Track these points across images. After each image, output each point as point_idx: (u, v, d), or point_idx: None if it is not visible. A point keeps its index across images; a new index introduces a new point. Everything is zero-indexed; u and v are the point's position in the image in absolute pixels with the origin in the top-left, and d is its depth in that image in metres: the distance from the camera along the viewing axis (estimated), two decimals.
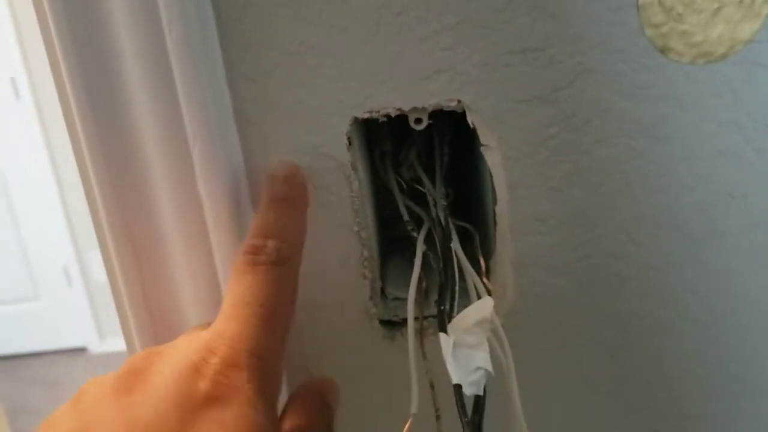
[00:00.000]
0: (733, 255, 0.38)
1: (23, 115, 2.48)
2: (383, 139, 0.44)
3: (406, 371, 0.40)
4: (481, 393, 0.32)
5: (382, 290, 0.42)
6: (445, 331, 0.32)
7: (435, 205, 0.41)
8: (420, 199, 0.43)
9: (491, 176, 0.38)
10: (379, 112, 0.36)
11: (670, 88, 0.36)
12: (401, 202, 0.41)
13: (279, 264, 0.33)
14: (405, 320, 0.41)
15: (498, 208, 0.39)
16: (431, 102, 0.36)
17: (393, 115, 0.36)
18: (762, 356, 0.40)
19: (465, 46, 0.35)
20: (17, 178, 2.57)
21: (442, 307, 0.34)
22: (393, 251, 0.46)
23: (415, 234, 0.40)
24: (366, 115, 0.36)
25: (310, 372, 0.41)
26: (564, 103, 0.36)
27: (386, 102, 0.36)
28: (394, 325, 0.42)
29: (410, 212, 0.42)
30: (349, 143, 0.37)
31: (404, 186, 0.43)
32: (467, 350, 0.32)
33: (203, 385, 0.29)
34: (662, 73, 0.36)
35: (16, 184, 2.57)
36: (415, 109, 0.36)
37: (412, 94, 0.36)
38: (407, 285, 0.44)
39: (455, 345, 0.32)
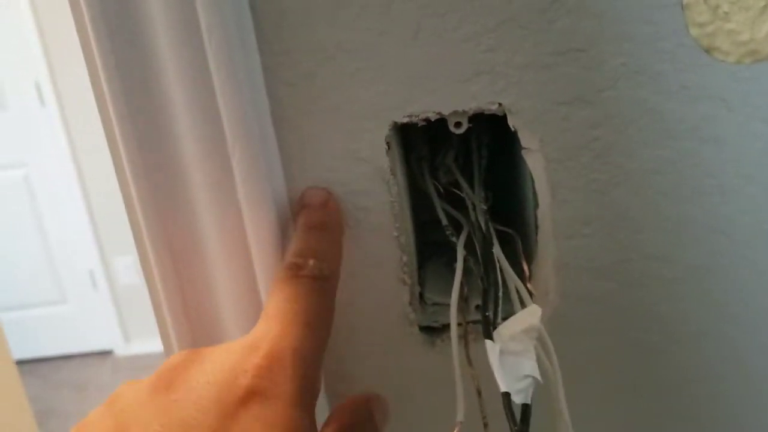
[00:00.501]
0: None
1: (48, 121, 2.51)
2: (420, 143, 0.43)
3: (447, 377, 0.40)
4: (529, 401, 0.31)
5: (421, 295, 0.42)
6: (490, 338, 0.32)
7: (474, 209, 0.40)
8: (458, 203, 0.42)
9: (532, 179, 0.38)
10: (418, 116, 0.36)
11: (716, 89, 0.35)
12: (439, 207, 0.41)
13: (320, 279, 0.33)
14: (445, 326, 0.41)
15: (540, 212, 0.38)
16: (472, 105, 0.36)
17: (433, 120, 0.36)
18: None
19: (507, 47, 0.34)
20: (43, 184, 2.60)
21: (486, 314, 0.33)
22: (429, 256, 0.46)
23: (454, 239, 0.40)
24: (405, 120, 0.36)
25: (347, 376, 0.41)
26: (607, 104, 0.35)
27: (426, 106, 0.36)
28: (433, 330, 0.41)
29: (448, 217, 0.41)
30: (388, 148, 0.37)
31: (441, 190, 0.42)
32: (514, 357, 0.31)
33: (245, 380, 0.28)
34: (708, 73, 0.35)
35: (42, 190, 2.60)
36: (455, 113, 0.36)
37: (453, 98, 0.35)
38: (446, 290, 0.43)
39: (501, 352, 0.31)
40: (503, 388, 0.30)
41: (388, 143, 0.36)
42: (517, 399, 0.30)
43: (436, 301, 0.42)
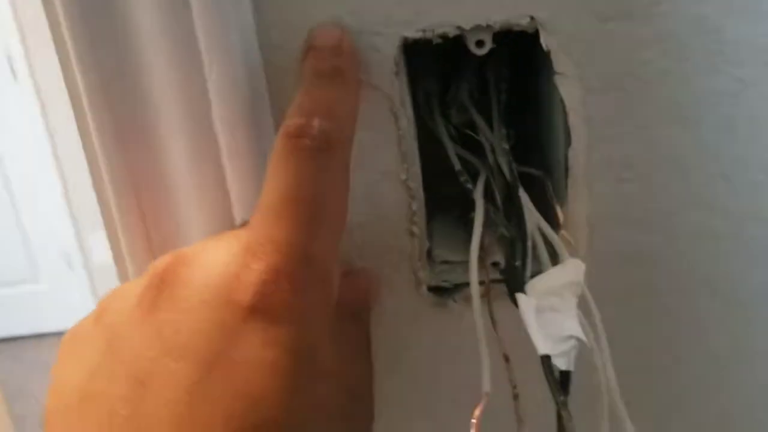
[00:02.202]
0: None
1: (21, 97, 2.42)
2: (428, 75, 0.37)
3: (460, 343, 0.34)
4: (572, 367, 0.26)
5: (428, 253, 0.36)
6: (521, 290, 0.26)
7: (493, 152, 0.34)
8: (471, 146, 0.36)
9: (565, 113, 0.32)
10: (434, 31, 0.30)
11: None
12: (452, 151, 0.35)
13: (328, 149, 0.27)
14: (457, 286, 0.36)
15: (572, 152, 0.32)
16: (498, 18, 0.30)
17: (451, 36, 0.30)
18: None
19: None
20: (16, 161, 2.51)
21: (516, 263, 0.28)
22: (435, 211, 0.40)
23: (469, 185, 0.34)
24: (418, 35, 0.30)
25: None
26: (660, 21, 0.30)
27: (443, 18, 0.30)
28: (443, 291, 0.35)
29: (462, 162, 0.35)
30: (397, 71, 0.31)
31: (453, 132, 0.37)
32: (553, 314, 0.26)
33: (246, 297, 0.24)
34: None
35: (15, 167, 2.51)
36: (477, 29, 0.30)
37: (476, 8, 0.30)
38: (456, 247, 0.38)
39: (538, 309, 0.26)
40: (542, 351, 0.24)
41: (396, 65, 0.30)
42: (559, 364, 0.25)
43: (445, 259, 0.36)
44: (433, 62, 0.37)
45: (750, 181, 0.32)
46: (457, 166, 0.35)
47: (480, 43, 0.31)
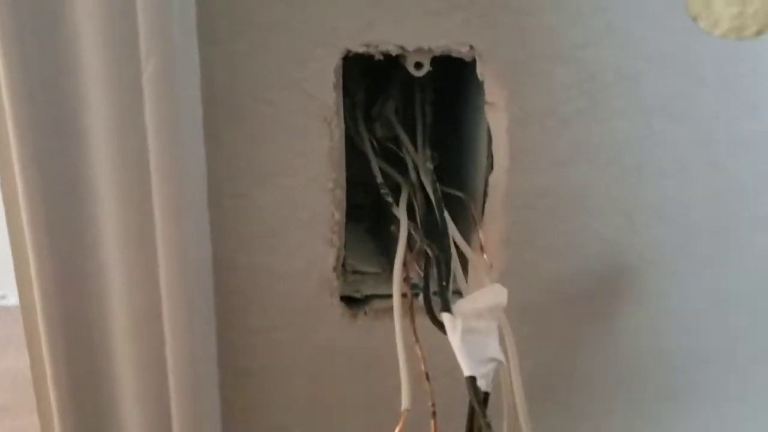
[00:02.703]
0: (732, 252, 0.36)
1: None
2: (355, 87, 0.38)
3: (370, 356, 0.35)
4: (490, 389, 0.27)
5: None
6: (449, 310, 0.27)
7: (415, 169, 0.35)
8: (391, 162, 0.37)
9: (489, 141, 0.33)
10: (377, 47, 0.30)
11: (696, 62, 0.32)
12: (375, 164, 0.36)
13: None
14: (368, 297, 0.36)
15: (493, 178, 0.34)
16: (439, 44, 0.31)
17: (393, 54, 0.31)
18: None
19: None
20: None
21: (444, 283, 0.28)
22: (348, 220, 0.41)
23: (390, 199, 0.35)
24: (361, 49, 0.30)
25: (251, 349, 0.35)
26: (585, 63, 0.32)
27: (388, 36, 0.30)
28: (354, 302, 0.36)
29: (384, 176, 0.36)
30: (335, 83, 0.31)
31: (375, 145, 0.37)
32: (477, 337, 0.27)
33: None
34: (691, 45, 0.32)
35: None
36: (419, 51, 0.31)
37: (420, 31, 0.30)
38: (368, 258, 0.38)
39: (464, 330, 0.26)
40: (468, 372, 0.25)
41: (336, 76, 0.31)
42: (480, 385, 0.26)
43: (358, 269, 0.37)
44: (360, 74, 0.38)
45: (647, 223, 0.35)
46: (379, 179, 0.35)
47: (418, 65, 0.31)
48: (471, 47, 0.31)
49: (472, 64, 0.32)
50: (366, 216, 0.41)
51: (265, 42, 0.30)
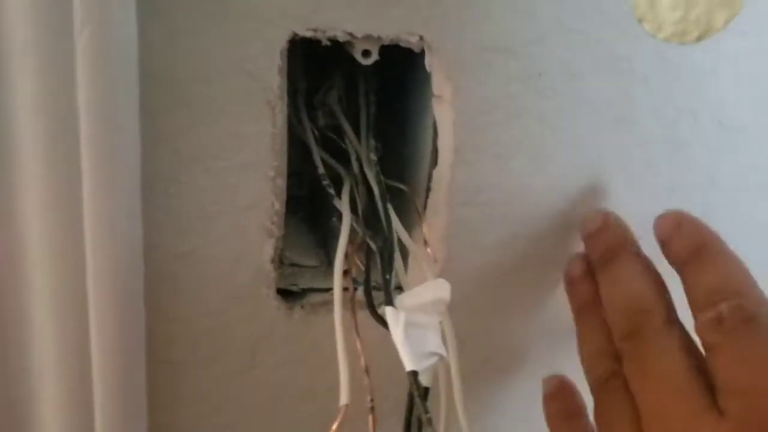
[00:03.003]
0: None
1: None
2: (297, 73, 0.36)
3: (306, 351, 0.34)
4: (431, 384, 0.26)
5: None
6: (391, 303, 0.27)
7: (358, 160, 0.34)
8: (332, 152, 0.36)
9: (435, 134, 0.33)
10: (325, 32, 0.29)
11: (641, 64, 0.33)
12: (317, 153, 0.35)
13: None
14: (306, 291, 0.35)
15: (436, 172, 0.33)
16: (389, 33, 0.30)
17: (341, 40, 0.30)
18: None
19: None
20: None
21: (387, 277, 0.28)
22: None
23: (331, 191, 0.34)
24: (309, 33, 0.29)
25: (177, 339, 0.33)
26: (533, 59, 0.32)
27: (337, 21, 0.29)
28: (290, 295, 0.35)
29: (325, 166, 0.35)
30: (281, 66, 0.30)
31: (317, 134, 0.36)
32: (419, 331, 0.26)
33: None
34: (637, 47, 0.32)
35: None
36: (368, 38, 0.30)
37: (370, 18, 0.30)
38: (306, 250, 0.38)
39: (407, 324, 0.26)
40: (410, 366, 0.25)
41: (282, 60, 0.30)
42: (422, 379, 0.25)
43: (295, 262, 0.36)
44: (302, 59, 0.37)
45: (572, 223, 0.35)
46: (321, 170, 0.34)
47: (366, 53, 0.31)
48: (421, 37, 0.30)
49: (420, 54, 0.31)
50: (302, 207, 0.40)
51: (209, 18, 0.28)
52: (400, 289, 0.32)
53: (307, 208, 0.41)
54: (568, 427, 0.34)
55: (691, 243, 0.30)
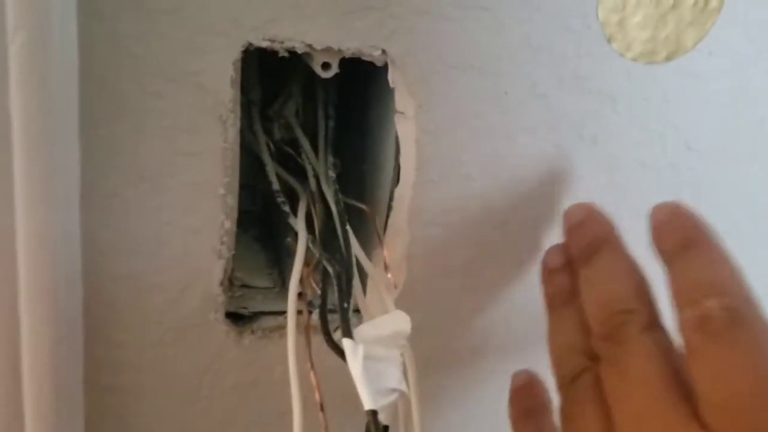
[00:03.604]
0: None
1: None
2: (251, 83, 0.35)
3: (254, 380, 0.32)
4: (390, 422, 0.25)
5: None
6: (350, 335, 0.25)
7: (315, 176, 0.33)
8: (288, 166, 0.35)
9: (397, 152, 0.31)
10: (282, 43, 0.28)
11: (609, 84, 0.32)
12: (271, 169, 0.33)
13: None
14: (255, 314, 0.33)
15: (398, 191, 0.32)
16: (350, 45, 0.28)
17: (299, 52, 0.28)
18: None
19: None
20: None
21: (345, 305, 0.26)
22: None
23: (287, 209, 0.32)
24: (265, 44, 0.28)
25: (124, 366, 0.31)
26: (500, 78, 0.30)
27: (295, 32, 0.28)
28: (240, 319, 0.33)
29: (280, 182, 0.33)
30: (233, 78, 0.28)
31: (272, 148, 0.34)
32: (379, 365, 0.25)
33: None
34: (605, 66, 0.31)
35: None
36: (327, 51, 0.28)
37: (330, 30, 0.28)
38: (257, 270, 0.36)
39: (365, 357, 0.24)
40: (369, 405, 0.23)
41: (235, 71, 0.28)
42: (381, 418, 0.24)
43: (246, 283, 0.34)
44: (257, 68, 0.35)
45: (550, 241, 0.34)
46: (276, 186, 0.33)
47: (326, 66, 0.29)
48: (383, 51, 0.29)
49: (383, 69, 0.30)
50: (253, 223, 0.38)
51: (157, 26, 0.26)
52: (357, 311, 0.30)
53: (258, 225, 0.39)
54: (529, 425, 0.32)
55: (683, 235, 0.28)
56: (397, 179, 0.32)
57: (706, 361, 0.24)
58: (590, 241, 0.31)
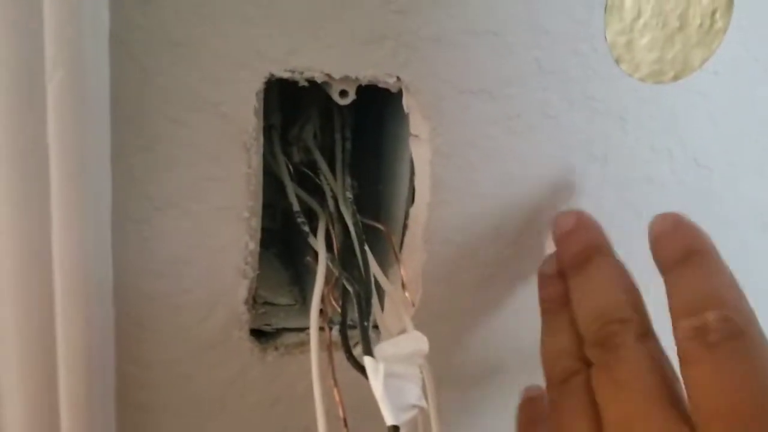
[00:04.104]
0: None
1: None
2: (272, 108, 0.36)
3: (279, 395, 0.33)
4: None
5: None
6: (370, 353, 0.26)
7: (333, 197, 0.34)
8: (307, 188, 0.36)
9: (412, 173, 0.33)
10: (302, 73, 0.29)
11: (618, 105, 0.33)
12: (291, 190, 0.34)
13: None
14: (280, 331, 0.34)
15: (413, 211, 0.33)
16: (367, 74, 0.30)
17: (319, 81, 0.29)
18: None
19: (419, 13, 0.29)
20: None
21: (365, 324, 0.27)
22: None
23: (306, 228, 0.33)
24: (286, 75, 0.29)
25: (150, 384, 0.32)
26: (511, 101, 0.32)
27: (314, 63, 0.29)
28: (263, 336, 0.34)
29: (299, 203, 0.34)
30: (257, 108, 0.29)
31: (291, 170, 0.36)
32: (400, 382, 0.26)
33: None
34: (613, 87, 0.32)
35: None
36: (345, 79, 0.30)
37: (347, 60, 0.29)
38: (279, 288, 0.37)
39: (386, 375, 0.25)
40: (391, 421, 0.24)
41: (258, 101, 0.29)
42: None
43: (269, 300, 0.35)
44: (277, 94, 0.36)
45: None
46: (296, 207, 0.34)
47: (344, 93, 0.30)
48: (398, 78, 0.30)
49: (398, 94, 0.31)
50: (274, 241, 0.39)
51: (183, 60, 0.28)
52: (375, 327, 0.31)
53: (279, 243, 0.40)
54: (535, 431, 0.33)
55: (684, 246, 0.28)
56: (412, 199, 0.33)
57: (701, 371, 0.25)
58: (581, 249, 0.31)
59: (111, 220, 0.28)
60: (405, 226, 0.34)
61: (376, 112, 0.36)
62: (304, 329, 0.34)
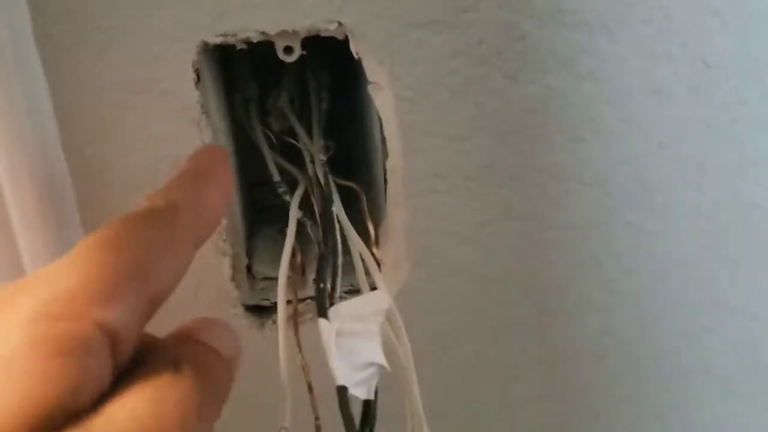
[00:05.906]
0: (661, 214, 0.33)
1: None
2: (247, 80, 0.35)
3: (275, 366, 0.32)
4: (372, 396, 0.24)
5: (249, 269, 0.34)
6: (325, 315, 0.25)
7: (312, 162, 0.33)
8: (293, 156, 0.35)
9: (381, 123, 0.31)
10: (236, 36, 0.28)
11: (597, 13, 0.29)
12: (270, 160, 0.33)
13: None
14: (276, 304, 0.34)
15: (389, 163, 0.31)
16: (304, 24, 0.28)
17: (255, 41, 0.28)
18: (693, 331, 0.35)
19: None
20: None
21: (321, 286, 0.26)
22: (262, 222, 0.38)
23: (287, 197, 0.32)
24: (219, 40, 0.28)
25: None
26: (469, 29, 0.29)
27: (245, 23, 0.28)
28: (263, 310, 0.34)
29: (282, 172, 0.33)
30: (198, 78, 0.28)
31: (273, 140, 0.35)
32: (355, 341, 0.24)
33: None
34: None
35: None
36: (284, 34, 0.28)
37: (280, 13, 0.28)
38: (279, 262, 0.36)
39: (338, 333, 0.24)
40: (339, 381, 0.23)
41: (197, 72, 0.28)
42: (358, 393, 0.23)
43: (267, 275, 0.35)
44: (253, 67, 0.35)
45: (564, 190, 0.32)
46: (276, 177, 0.33)
47: (288, 50, 0.29)
48: (339, 24, 0.28)
49: (347, 42, 0.29)
50: (278, 217, 0.39)
51: (114, 44, 0.27)
52: (359, 292, 0.30)
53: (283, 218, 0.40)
54: None
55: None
56: (386, 152, 0.31)
57: None
58: None
59: (78, 214, 0.28)
60: (386, 181, 0.32)
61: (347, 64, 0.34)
62: (304, 300, 0.33)
